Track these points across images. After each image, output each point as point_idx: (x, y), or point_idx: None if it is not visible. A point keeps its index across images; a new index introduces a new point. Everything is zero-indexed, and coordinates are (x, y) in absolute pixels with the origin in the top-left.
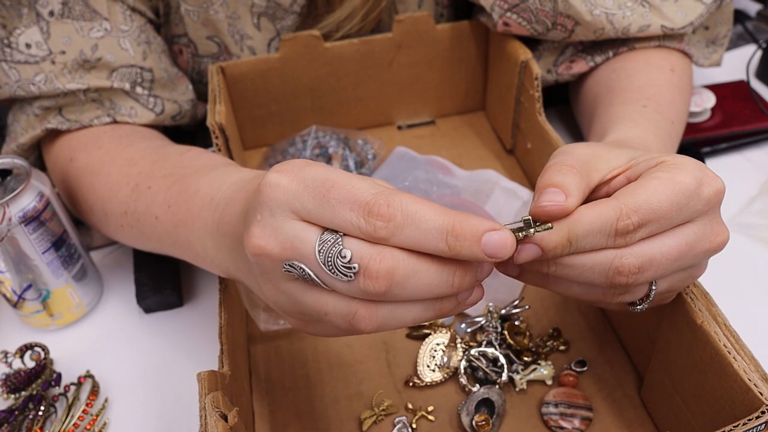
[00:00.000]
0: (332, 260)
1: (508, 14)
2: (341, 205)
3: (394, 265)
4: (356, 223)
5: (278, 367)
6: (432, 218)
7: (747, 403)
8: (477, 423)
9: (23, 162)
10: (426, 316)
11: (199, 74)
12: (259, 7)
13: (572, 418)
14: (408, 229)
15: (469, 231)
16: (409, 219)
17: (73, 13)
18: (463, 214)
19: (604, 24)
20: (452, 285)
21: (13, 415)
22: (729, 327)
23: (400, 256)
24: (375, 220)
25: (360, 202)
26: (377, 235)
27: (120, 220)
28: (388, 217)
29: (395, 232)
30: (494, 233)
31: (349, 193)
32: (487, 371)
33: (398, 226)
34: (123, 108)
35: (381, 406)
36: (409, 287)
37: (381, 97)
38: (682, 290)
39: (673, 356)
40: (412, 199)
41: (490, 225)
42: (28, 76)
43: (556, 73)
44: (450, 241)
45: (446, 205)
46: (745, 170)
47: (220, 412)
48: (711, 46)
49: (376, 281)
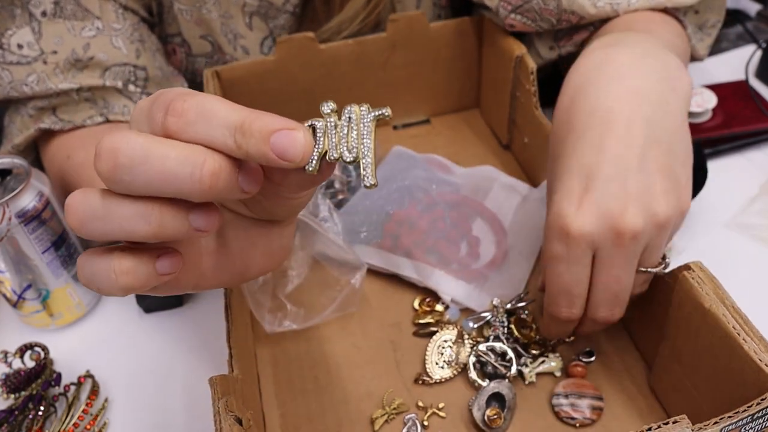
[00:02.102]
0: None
1: (513, 15)
2: (158, 106)
3: (117, 144)
4: (159, 121)
5: (286, 369)
6: (223, 115)
7: (759, 383)
8: (489, 417)
9: (23, 162)
10: (146, 222)
11: (193, 74)
12: (251, 6)
13: (584, 408)
14: (198, 126)
15: (258, 128)
16: (201, 116)
17: (65, 12)
18: (261, 113)
19: (609, 14)
20: (200, 178)
21: (13, 415)
22: (737, 309)
23: (137, 138)
24: (170, 116)
25: (165, 101)
26: (169, 129)
27: None
28: (181, 113)
29: (185, 128)
30: (287, 132)
31: (165, 95)
32: (496, 365)
33: (188, 122)
34: (116, 106)
35: (392, 405)
36: (140, 173)
37: (376, 97)
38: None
39: (681, 342)
40: (215, 99)
41: (284, 124)
42: (20, 77)
43: (558, 47)
44: (238, 138)
45: (447, 202)
46: (746, 170)
47: (235, 416)
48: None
49: (99, 159)
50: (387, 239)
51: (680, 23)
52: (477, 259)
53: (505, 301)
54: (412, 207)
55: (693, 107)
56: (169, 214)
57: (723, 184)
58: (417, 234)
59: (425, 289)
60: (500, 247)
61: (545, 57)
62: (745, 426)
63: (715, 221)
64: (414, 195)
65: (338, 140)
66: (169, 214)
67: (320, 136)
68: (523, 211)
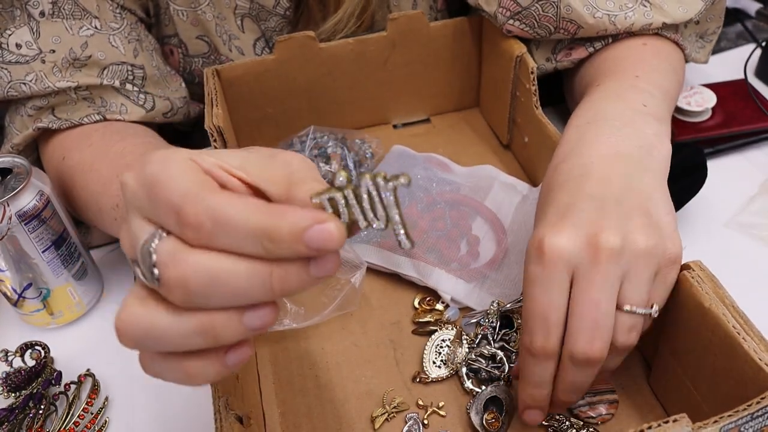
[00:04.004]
0: (145, 260)
1: (511, 21)
2: (162, 206)
3: (186, 273)
4: (174, 227)
5: (286, 368)
6: (241, 222)
7: (758, 383)
8: (487, 421)
9: (23, 161)
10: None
11: (191, 74)
12: (242, 8)
13: (599, 405)
14: (221, 238)
15: (287, 233)
16: (219, 226)
17: (62, 12)
18: (280, 212)
19: (607, 26)
20: (271, 288)
21: (13, 414)
22: (737, 308)
23: (198, 260)
24: (185, 228)
25: (172, 205)
26: (191, 242)
27: (113, 213)
28: (197, 226)
29: (210, 240)
30: (318, 227)
31: (165, 194)
32: (489, 370)
33: (208, 234)
34: (113, 105)
35: (392, 404)
36: (212, 295)
37: (376, 97)
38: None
39: (681, 341)
40: (224, 200)
41: (316, 217)
42: (19, 77)
43: (555, 60)
44: (266, 245)
45: (447, 201)
46: (746, 170)
47: (236, 415)
48: (700, 41)
49: (168, 287)
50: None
51: (676, 44)
52: (477, 258)
53: (504, 301)
54: (412, 206)
55: (693, 106)
56: (225, 324)
57: (723, 183)
58: (417, 233)
59: (425, 288)
60: (500, 246)
61: (542, 68)
62: (744, 425)
63: (715, 221)
64: (414, 194)
65: (364, 212)
66: (225, 324)
67: (343, 208)
68: (523, 210)
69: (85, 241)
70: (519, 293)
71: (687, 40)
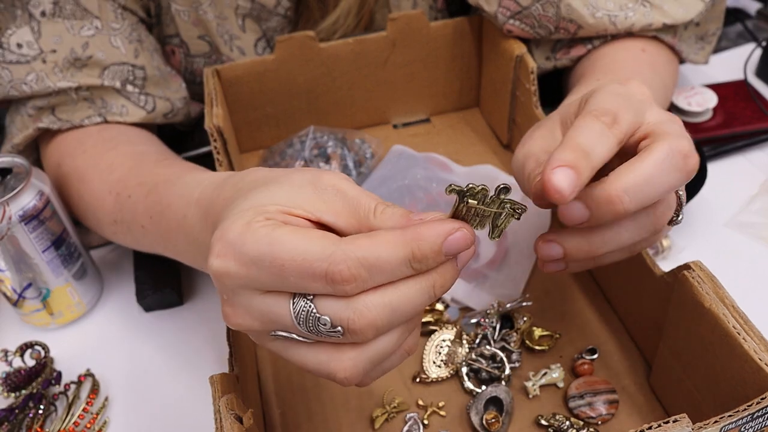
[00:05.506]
0: (314, 327)
1: (511, 21)
2: (302, 279)
3: (373, 316)
4: (324, 290)
5: (285, 368)
6: (392, 258)
7: (759, 382)
8: (487, 421)
9: (23, 161)
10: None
11: (192, 74)
12: (244, 8)
13: (599, 405)
14: (377, 277)
15: (429, 250)
16: (373, 270)
17: (64, 12)
18: (419, 230)
19: (607, 26)
20: (434, 293)
21: (13, 414)
22: (737, 308)
23: (375, 302)
24: (340, 285)
25: (318, 274)
26: (349, 295)
27: (112, 227)
28: (353, 278)
29: (364, 285)
30: (451, 238)
31: (304, 268)
32: (489, 370)
33: (365, 280)
34: (114, 106)
35: (392, 404)
36: (396, 320)
37: (376, 97)
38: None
39: (681, 341)
40: (367, 244)
41: (446, 230)
42: (20, 76)
43: (554, 58)
44: (415, 266)
45: (447, 201)
46: (746, 170)
47: (235, 414)
48: (699, 42)
49: (363, 335)
50: None
51: (672, 50)
52: (477, 258)
53: (504, 301)
54: (412, 206)
55: (694, 107)
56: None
57: (723, 183)
58: None
59: None
60: (500, 246)
61: (541, 66)
62: (744, 425)
63: (715, 220)
64: (414, 194)
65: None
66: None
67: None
68: None
69: (85, 241)
70: (519, 293)
71: (686, 42)
